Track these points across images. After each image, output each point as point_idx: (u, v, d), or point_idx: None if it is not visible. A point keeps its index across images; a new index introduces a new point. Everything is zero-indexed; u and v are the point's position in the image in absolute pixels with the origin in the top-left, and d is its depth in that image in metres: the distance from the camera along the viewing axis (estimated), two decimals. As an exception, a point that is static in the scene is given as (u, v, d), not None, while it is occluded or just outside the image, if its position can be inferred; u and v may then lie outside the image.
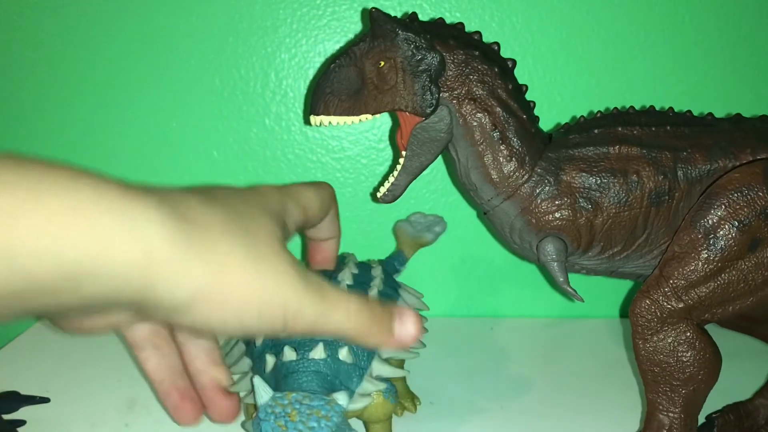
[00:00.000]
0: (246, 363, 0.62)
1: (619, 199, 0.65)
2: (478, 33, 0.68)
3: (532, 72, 0.90)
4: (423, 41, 0.64)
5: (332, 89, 0.65)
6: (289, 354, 0.57)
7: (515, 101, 0.66)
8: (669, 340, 0.60)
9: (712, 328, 0.64)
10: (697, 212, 0.61)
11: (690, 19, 0.89)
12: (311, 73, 0.91)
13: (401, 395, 0.72)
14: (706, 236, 0.60)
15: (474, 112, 0.65)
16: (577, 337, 0.92)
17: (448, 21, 0.88)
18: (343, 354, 0.58)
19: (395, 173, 0.70)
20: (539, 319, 0.99)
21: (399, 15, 0.89)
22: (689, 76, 0.91)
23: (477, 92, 0.65)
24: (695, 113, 0.70)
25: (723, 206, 0.60)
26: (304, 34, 0.90)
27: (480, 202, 0.70)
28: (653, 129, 0.66)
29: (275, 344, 0.59)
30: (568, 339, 0.92)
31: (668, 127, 0.66)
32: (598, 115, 0.69)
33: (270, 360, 0.58)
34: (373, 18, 0.64)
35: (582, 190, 0.65)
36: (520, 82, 0.69)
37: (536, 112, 0.69)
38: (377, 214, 0.97)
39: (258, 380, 0.52)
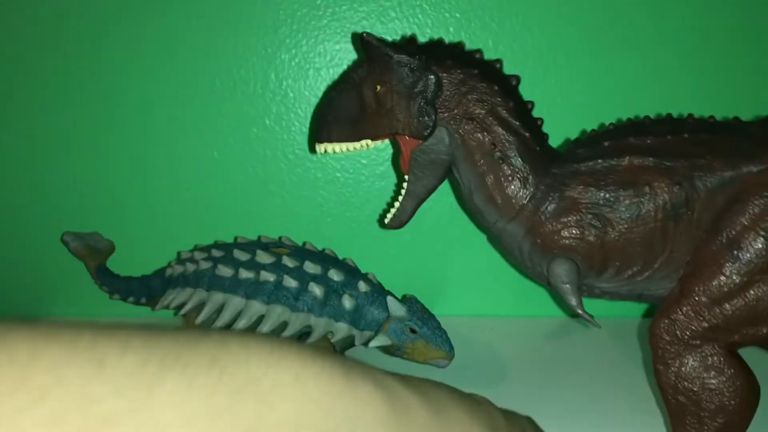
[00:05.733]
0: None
1: (631, 213, 0.59)
2: (479, 51, 0.66)
3: (532, 72, 0.90)
4: (417, 62, 0.62)
5: (334, 116, 0.65)
6: (365, 287, 0.73)
7: (517, 119, 0.63)
8: (694, 365, 0.54)
9: (751, 352, 0.58)
10: (718, 221, 0.55)
11: (690, 19, 0.89)
12: (311, 74, 0.91)
13: None
14: (729, 247, 0.54)
15: (473, 131, 0.63)
16: (577, 337, 0.92)
17: (447, 22, 0.88)
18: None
19: (400, 198, 0.69)
20: (539, 319, 0.99)
21: (402, 18, 0.89)
22: (690, 76, 0.91)
23: (475, 111, 0.63)
24: (698, 114, 0.69)
25: (746, 213, 0.54)
26: (304, 34, 0.90)
27: (487, 225, 0.67)
28: (669, 138, 0.60)
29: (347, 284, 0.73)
30: (568, 339, 0.92)
31: (686, 135, 0.59)
32: (611, 127, 0.65)
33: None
34: (365, 42, 0.63)
35: (589, 205, 0.60)
36: (520, 83, 0.68)
37: (535, 113, 0.69)
38: (377, 213, 0.97)
39: (391, 299, 0.70)
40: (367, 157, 0.94)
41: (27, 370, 0.21)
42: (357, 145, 0.66)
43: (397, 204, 0.70)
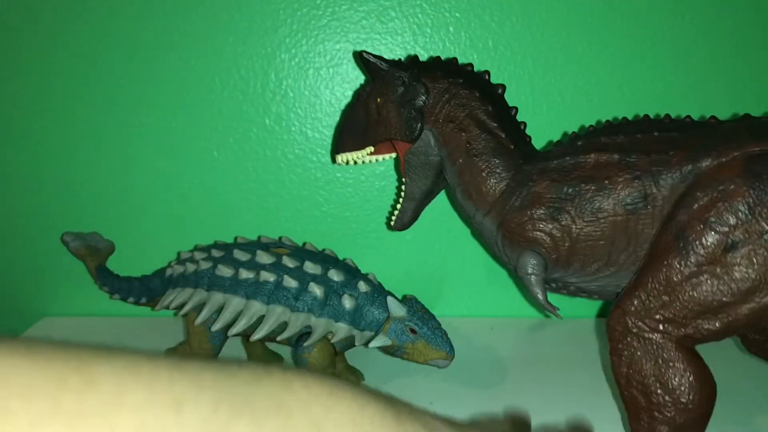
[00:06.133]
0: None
1: (591, 207, 0.60)
2: (470, 65, 0.72)
3: (532, 72, 0.90)
4: (409, 75, 0.69)
5: (348, 129, 0.73)
6: (365, 287, 0.72)
7: (495, 121, 0.68)
8: (645, 357, 0.54)
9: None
10: (670, 213, 0.55)
11: (690, 18, 0.89)
12: (311, 73, 0.91)
13: (341, 372, 0.78)
14: (676, 239, 0.53)
15: (452, 132, 0.69)
16: (578, 337, 0.92)
17: (447, 22, 0.88)
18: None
19: (401, 201, 0.75)
20: (539, 319, 0.99)
21: (402, 18, 0.89)
22: (689, 75, 0.91)
23: (455, 114, 0.69)
24: (695, 113, 0.70)
25: (694, 205, 0.53)
26: (304, 34, 0.90)
27: (469, 220, 0.72)
28: (639, 136, 0.61)
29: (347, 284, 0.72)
30: (568, 339, 0.92)
31: (656, 133, 0.61)
32: (590, 128, 0.67)
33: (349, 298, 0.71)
34: (363, 59, 0.71)
35: (552, 200, 0.62)
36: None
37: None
38: (377, 213, 0.97)
39: (391, 299, 0.70)
40: (367, 157, 0.94)
41: (114, 413, 0.22)
42: (365, 153, 0.73)
43: (398, 206, 0.76)
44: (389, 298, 0.70)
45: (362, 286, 0.71)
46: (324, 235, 0.97)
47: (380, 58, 0.70)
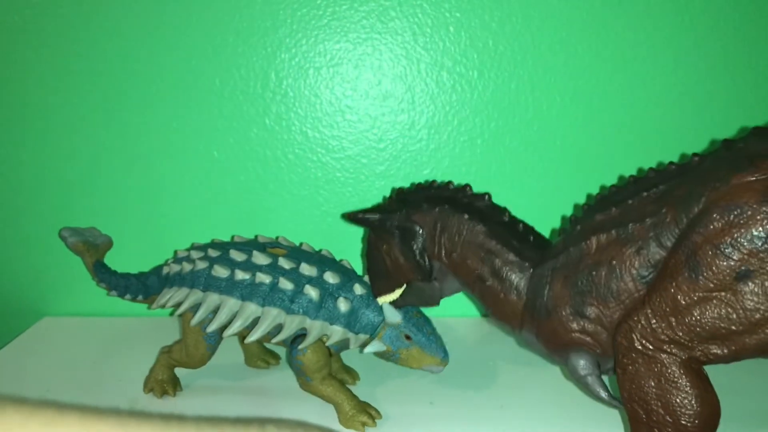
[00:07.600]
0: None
1: (611, 291, 0.57)
2: (450, 182, 0.72)
3: (532, 72, 0.90)
4: (399, 217, 0.69)
5: (375, 275, 0.73)
6: (360, 290, 0.72)
7: (491, 237, 0.66)
8: (648, 374, 0.53)
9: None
10: (685, 229, 0.53)
11: (689, 19, 0.88)
12: (311, 73, 0.91)
13: (337, 371, 0.79)
14: (686, 261, 0.51)
15: (459, 262, 0.68)
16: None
17: (447, 22, 0.88)
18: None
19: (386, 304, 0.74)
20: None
21: (402, 18, 0.88)
22: (689, 76, 0.91)
23: (453, 244, 0.68)
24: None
25: (706, 226, 0.50)
26: (304, 34, 0.90)
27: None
28: (630, 202, 0.58)
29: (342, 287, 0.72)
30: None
31: (644, 194, 0.58)
32: (585, 207, 0.65)
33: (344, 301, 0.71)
34: (349, 220, 0.71)
35: (572, 297, 0.60)
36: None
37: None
38: (377, 214, 0.96)
39: (387, 305, 0.70)
40: (367, 157, 0.94)
41: None
42: (394, 296, 0.72)
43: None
44: (385, 304, 0.70)
45: (358, 289, 0.71)
46: (323, 235, 0.97)
47: (366, 212, 0.70)
